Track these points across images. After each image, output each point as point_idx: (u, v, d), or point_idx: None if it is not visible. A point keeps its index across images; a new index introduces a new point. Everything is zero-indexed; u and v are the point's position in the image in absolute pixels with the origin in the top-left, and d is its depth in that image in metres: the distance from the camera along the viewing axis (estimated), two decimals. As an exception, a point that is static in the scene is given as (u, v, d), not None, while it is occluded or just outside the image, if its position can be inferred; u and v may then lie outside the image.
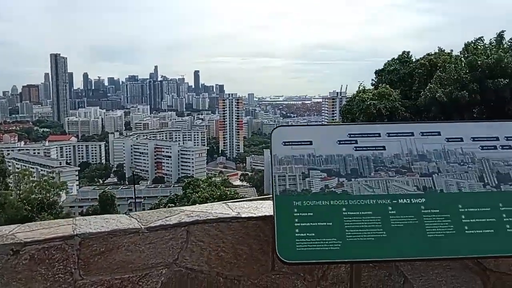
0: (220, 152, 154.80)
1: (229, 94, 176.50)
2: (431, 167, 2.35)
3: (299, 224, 2.16)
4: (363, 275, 2.41)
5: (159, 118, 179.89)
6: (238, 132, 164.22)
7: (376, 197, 2.24)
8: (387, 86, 34.06)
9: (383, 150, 2.39)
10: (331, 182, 2.29)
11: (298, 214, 2.19)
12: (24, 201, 30.21)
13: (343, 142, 2.42)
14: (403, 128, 2.47)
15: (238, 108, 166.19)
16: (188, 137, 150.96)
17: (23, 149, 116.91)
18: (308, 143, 2.41)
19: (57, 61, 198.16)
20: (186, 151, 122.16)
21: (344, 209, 2.20)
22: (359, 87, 37.47)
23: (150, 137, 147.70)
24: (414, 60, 36.76)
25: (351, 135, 2.43)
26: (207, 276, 2.49)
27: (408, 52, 37.27)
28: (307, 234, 2.14)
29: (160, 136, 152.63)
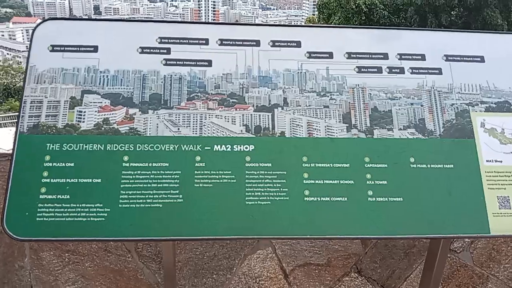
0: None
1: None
2: (275, 97, 1.54)
3: (48, 180, 1.38)
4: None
5: (130, 2, 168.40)
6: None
7: (180, 140, 1.45)
8: (367, -20, 31.80)
9: (208, 67, 1.54)
10: (115, 115, 1.47)
11: (51, 164, 1.39)
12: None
13: (149, 50, 1.54)
14: (244, 33, 1.59)
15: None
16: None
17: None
18: (91, 49, 1.53)
19: None
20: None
21: (125, 157, 1.42)
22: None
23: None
24: (398, -48, 33.95)
25: (163, 40, 1.55)
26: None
27: None
28: (58, 196, 1.37)
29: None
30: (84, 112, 1.45)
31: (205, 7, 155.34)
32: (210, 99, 1.51)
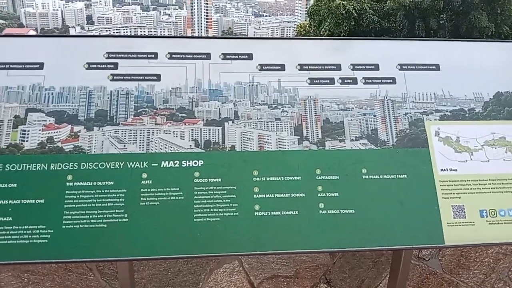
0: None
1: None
2: (226, 110, 1.51)
3: (-11, 202, 1.34)
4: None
5: (123, 12, 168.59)
6: (207, 30, 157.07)
7: (125, 157, 1.42)
8: (357, -15, 32.08)
9: (157, 82, 1.52)
10: (59, 133, 1.43)
11: (-8, 185, 1.36)
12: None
13: (96, 65, 1.52)
14: (194, 46, 1.57)
15: (207, 3, 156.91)
16: (154, 34, 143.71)
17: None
18: (37, 66, 1.50)
19: None
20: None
21: (69, 176, 1.38)
22: (326, -13, 35.37)
23: (114, 32, 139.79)
24: (387, -43, 34.28)
25: (111, 55, 1.53)
26: None
27: (382, -51, 34.59)
28: (0, 218, 1.33)
29: (124, 32, 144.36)
30: (28, 131, 1.42)
31: (198, 15, 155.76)
32: (158, 114, 1.48)
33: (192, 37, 1.56)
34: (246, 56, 1.57)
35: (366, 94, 1.56)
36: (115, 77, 1.50)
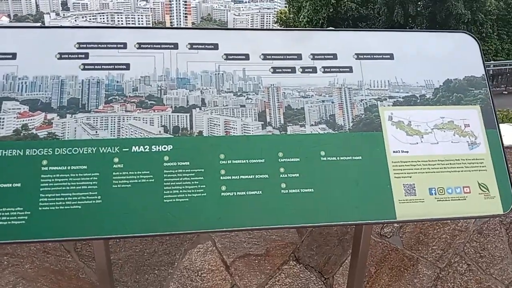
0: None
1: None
2: (193, 98, 1.60)
3: (-34, 187, 1.41)
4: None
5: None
6: (186, 17, 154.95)
7: (98, 143, 1.50)
8: (335, -28, 32.09)
9: (126, 70, 1.59)
10: (34, 121, 1.50)
11: (-31, 170, 1.42)
12: None
13: (67, 55, 1.58)
14: (162, 36, 1.65)
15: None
16: (132, 21, 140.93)
17: None
18: (10, 56, 1.55)
19: None
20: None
21: (44, 161, 1.46)
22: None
23: (90, 19, 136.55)
24: None
25: (81, 45, 1.59)
26: None
27: None
28: (-23, 201, 1.40)
29: (100, 18, 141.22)
30: (3, 118, 1.49)
31: (176, 1, 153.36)
32: (128, 102, 1.56)
33: (160, 27, 1.64)
34: (212, 46, 1.66)
35: (325, 82, 1.67)
36: (86, 67, 1.57)
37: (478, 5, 30.43)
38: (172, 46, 1.64)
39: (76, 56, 1.58)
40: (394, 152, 1.63)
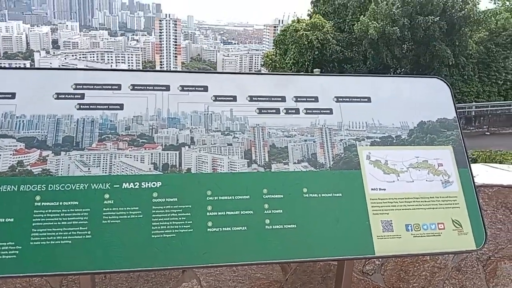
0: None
1: (166, 14, 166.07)
2: (183, 136, 1.69)
3: (-40, 221, 1.45)
4: None
5: (90, 37, 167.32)
6: (176, 57, 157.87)
7: (90, 179, 1.56)
8: (321, 17, 33.43)
9: (120, 110, 1.69)
10: (29, 157, 1.57)
11: (-37, 205, 1.47)
12: None
13: (64, 95, 1.67)
14: (155, 79, 1.75)
15: (176, 30, 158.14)
16: (122, 59, 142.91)
17: None
18: (9, 96, 1.64)
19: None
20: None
21: (37, 197, 1.51)
22: (294, 17, 36.56)
23: (80, 57, 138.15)
24: (349, -10, 35.99)
25: (78, 86, 1.69)
26: None
27: (344, -18, 36.32)
28: (-30, 235, 1.44)
29: (91, 57, 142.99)
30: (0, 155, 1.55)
31: (166, 41, 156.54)
32: (121, 140, 1.64)
33: (154, 70, 1.74)
34: (202, 88, 1.77)
35: (307, 123, 1.78)
36: (81, 106, 1.66)
37: (460, 49, 31.78)
38: (164, 88, 1.74)
39: (73, 96, 1.67)
40: (372, 189, 1.72)
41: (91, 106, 1.67)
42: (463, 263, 2.47)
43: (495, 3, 37.13)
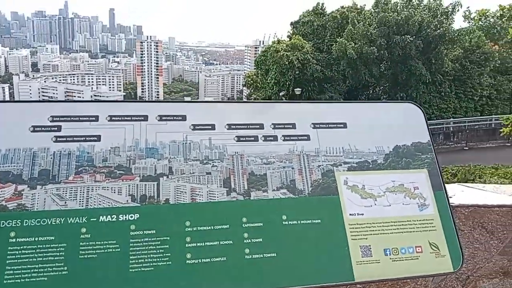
0: (138, 98, 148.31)
1: (147, 36, 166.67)
2: (161, 166, 1.69)
3: None
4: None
5: (70, 59, 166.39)
6: (158, 78, 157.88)
7: (66, 213, 1.54)
8: (300, 38, 34.02)
9: (97, 142, 1.68)
10: (4, 192, 1.54)
11: None
12: None
13: (41, 128, 1.66)
14: (133, 109, 1.76)
15: (157, 51, 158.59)
16: (103, 82, 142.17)
17: None
18: (-17, 130, 1.62)
19: None
20: (100, 96, 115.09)
21: (12, 233, 1.49)
22: (274, 38, 37.17)
23: (60, 80, 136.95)
24: (328, 12, 36.86)
25: (55, 118, 1.68)
26: None
27: (322, 4, 37.22)
28: None
29: (71, 79, 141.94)
30: (-28, 191, 1.52)
31: (148, 62, 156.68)
32: (98, 172, 1.63)
33: (132, 101, 1.75)
34: (181, 118, 1.77)
35: (285, 150, 1.80)
36: (58, 139, 1.65)
37: (436, 67, 32.63)
38: (142, 118, 1.74)
39: (49, 129, 1.66)
40: (350, 214, 1.74)
41: (68, 138, 1.66)
42: (443, 283, 2.50)
43: (468, 22, 38.46)
